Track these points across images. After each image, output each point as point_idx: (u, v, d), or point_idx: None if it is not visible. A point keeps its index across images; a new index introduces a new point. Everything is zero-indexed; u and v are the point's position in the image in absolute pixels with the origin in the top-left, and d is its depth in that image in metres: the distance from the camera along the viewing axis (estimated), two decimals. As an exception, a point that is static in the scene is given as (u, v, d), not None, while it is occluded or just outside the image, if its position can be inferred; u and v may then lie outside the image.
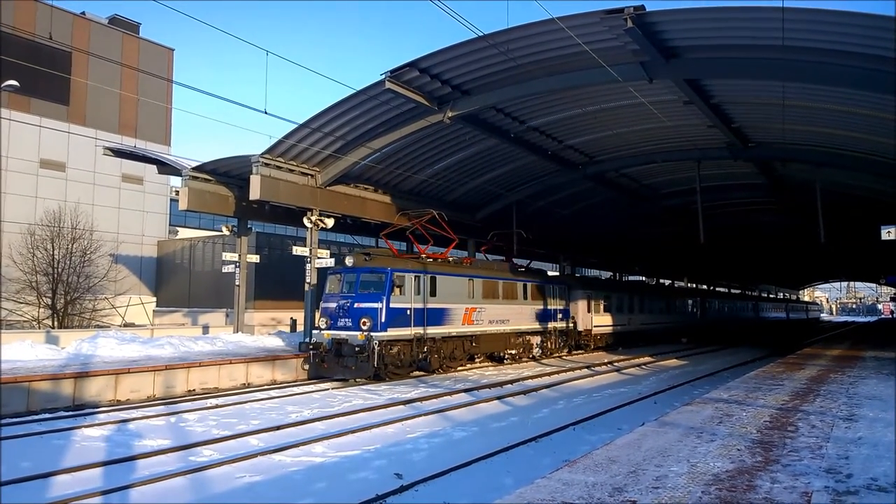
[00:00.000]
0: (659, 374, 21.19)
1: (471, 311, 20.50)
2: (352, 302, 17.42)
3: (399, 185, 23.88)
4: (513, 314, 22.94)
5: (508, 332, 22.65)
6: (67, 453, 9.23)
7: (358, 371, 16.58)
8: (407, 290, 17.88)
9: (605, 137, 22.92)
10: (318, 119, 18.49)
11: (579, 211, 32.02)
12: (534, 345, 24.40)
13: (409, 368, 18.18)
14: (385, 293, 17.24)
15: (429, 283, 18.78)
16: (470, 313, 20.46)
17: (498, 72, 17.01)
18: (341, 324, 17.31)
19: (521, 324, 23.42)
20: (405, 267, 18.15)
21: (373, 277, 17.63)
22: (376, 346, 16.51)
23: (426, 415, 12.44)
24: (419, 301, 18.24)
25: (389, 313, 17.15)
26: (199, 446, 9.56)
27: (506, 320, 22.42)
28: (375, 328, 16.80)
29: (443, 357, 19.36)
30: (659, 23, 13.84)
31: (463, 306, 20.18)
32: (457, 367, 20.32)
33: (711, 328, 43.27)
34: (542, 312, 25.04)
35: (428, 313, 18.50)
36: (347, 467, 8.62)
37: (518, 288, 23.76)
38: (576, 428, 11.24)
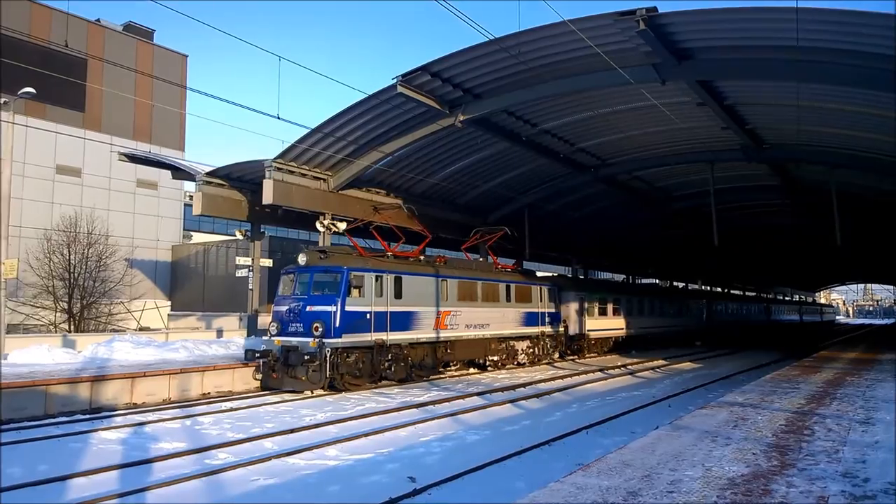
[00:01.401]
0: (673, 377, 21.05)
1: (444, 315, 18.87)
2: (304, 305, 15.71)
3: (411, 188, 23.94)
4: (494, 318, 21.29)
5: (489, 338, 21.02)
6: (84, 456, 9.32)
7: (309, 382, 14.92)
8: (367, 292, 16.24)
9: (618, 140, 22.85)
10: (330, 123, 18.59)
11: (591, 213, 31.90)
12: (519, 351, 22.86)
13: (369, 378, 16.47)
14: (340, 295, 15.55)
15: (393, 283, 17.13)
16: (443, 317, 18.82)
17: (509, 75, 17.02)
18: (292, 329, 15.65)
19: (503, 328, 21.82)
20: (365, 266, 16.60)
21: (327, 277, 15.97)
22: (328, 354, 14.86)
23: (439, 418, 12.43)
24: (381, 304, 16.62)
25: (345, 317, 15.48)
26: (214, 449, 9.62)
27: (485, 325, 20.81)
28: (328, 334, 15.13)
29: (411, 365, 17.66)
30: (671, 24, 13.79)
31: (434, 309, 18.53)
32: (429, 377, 18.64)
33: (717, 331, 41.99)
34: (529, 316, 23.42)
35: (392, 317, 16.86)
36: (360, 470, 8.64)
37: (500, 289, 22.12)
38: (589, 431, 11.19)
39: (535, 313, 23.81)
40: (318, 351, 14.82)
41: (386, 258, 18.27)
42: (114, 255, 30.72)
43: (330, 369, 14.95)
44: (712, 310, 45.19)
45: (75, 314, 28.82)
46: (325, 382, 15.06)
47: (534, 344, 23.68)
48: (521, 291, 23.26)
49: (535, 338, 23.70)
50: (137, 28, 38.69)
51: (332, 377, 15.19)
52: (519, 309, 22.83)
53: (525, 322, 23.13)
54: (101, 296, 29.88)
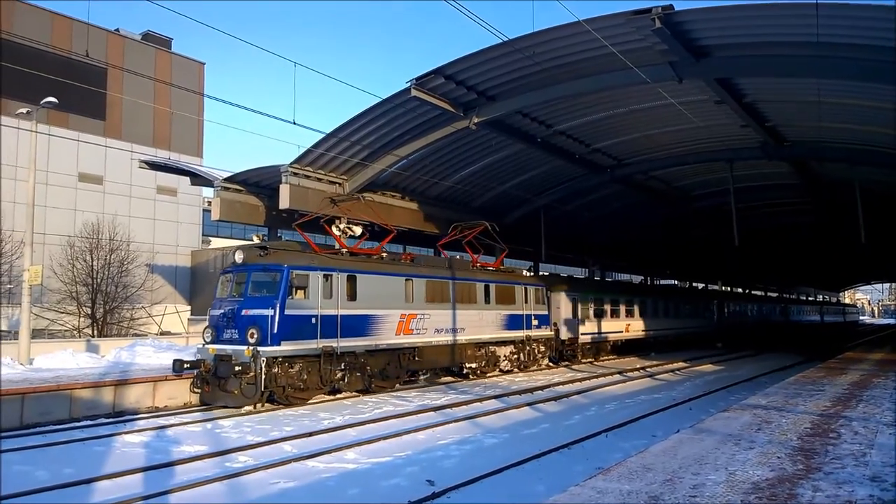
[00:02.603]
0: (694, 379, 20.81)
1: (409, 318, 17.10)
2: (239, 308, 14.02)
3: (426, 191, 23.97)
4: (470, 321, 19.49)
5: (464, 343, 19.15)
6: (109, 459, 9.45)
7: (242, 397, 13.13)
8: (312, 293, 14.39)
9: (634, 140, 22.69)
10: (345, 128, 18.68)
11: (608, 214, 31.69)
12: (501, 357, 21.03)
13: (316, 391, 14.76)
14: (279, 297, 13.78)
15: (345, 283, 15.30)
16: (408, 321, 17.06)
17: (523, 76, 16.98)
18: (226, 336, 13.94)
19: (481, 332, 19.97)
20: (310, 263, 14.73)
21: (265, 277, 14.27)
22: (263, 365, 13.18)
23: (456, 421, 12.41)
24: (331, 306, 14.80)
25: (284, 322, 13.70)
26: (235, 452, 9.69)
27: (460, 329, 18.97)
28: (264, 341, 13.41)
29: (369, 375, 15.91)
30: (688, 22, 13.66)
31: (397, 312, 16.78)
32: (393, 386, 17.05)
33: (729, 333, 40.30)
34: (512, 319, 21.46)
35: (344, 321, 15.05)
36: (379, 474, 8.65)
37: (477, 290, 20.19)
38: (608, 435, 11.09)
39: (520, 315, 21.86)
40: (251, 361, 13.11)
41: (340, 255, 16.35)
42: (135, 261, 31.13)
43: (267, 381, 13.30)
44: (725, 311, 43.69)
45: (98, 319, 29.24)
46: (261, 397, 13.47)
47: (518, 349, 21.81)
48: (503, 292, 21.28)
49: (519, 342, 21.81)
50: (156, 37, 39.22)
51: (271, 390, 13.61)
52: (500, 311, 20.92)
53: (507, 325, 21.21)
54: (123, 301, 30.28)
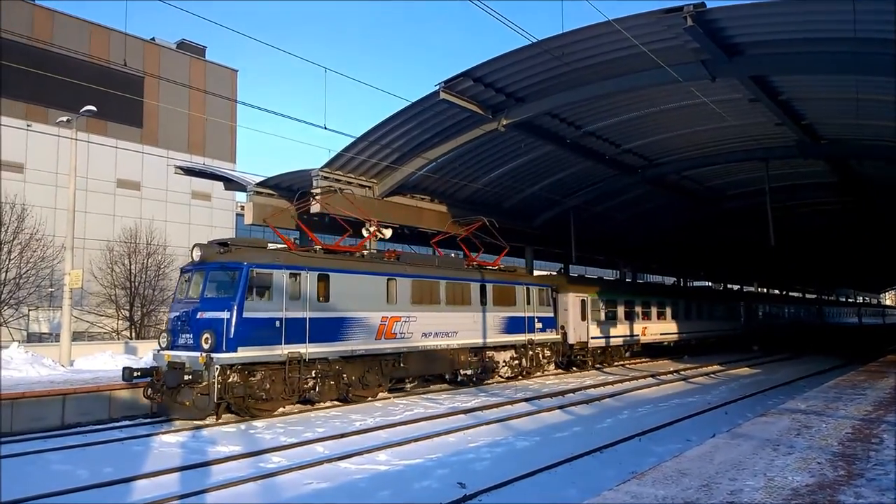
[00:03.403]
0: (729, 383, 20.39)
1: (391, 322, 15.71)
2: (194, 311, 12.86)
3: (455, 193, 24.00)
4: (464, 324, 18.00)
5: (457, 348, 17.66)
6: (147, 459, 9.68)
7: (194, 409, 11.93)
8: (277, 294, 13.18)
9: (666, 139, 22.39)
10: (374, 132, 18.84)
11: (639, 215, 31.31)
12: (500, 363, 19.59)
13: (283, 401, 13.47)
14: (236, 297, 12.52)
15: (315, 283, 14.00)
16: (390, 324, 15.67)
17: (552, 77, 16.91)
18: (182, 341, 12.80)
19: (477, 336, 18.46)
20: (274, 261, 13.44)
21: (223, 276, 13.01)
22: (216, 373, 11.90)
23: (487, 424, 12.39)
24: (298, 308, 13.51)
25: (243, 325, 12.43)
26: (268, 453, 9.84)
27: (452, 332, 17.50)
28: (219, 347, 12.17)
29: (346, 383, 14.61)
30: (721, 20, 13.45)
31: (378, 315, 15.37)
32: (375, 395, 15.58)
33: (759, 336, 38.15)
34: (512, 321, 19.89)
35: (314, 325, 13.71)
36: (411, 475, 8.68)
37: (471, 290, 18.60)
38: (641, 439, 10.94)
39: (521, 318, 20.29)
40: (205, 369, 11.96)
41: (312, 252, 15.07)
42: (171, 265, 31.85)
43: (222, 391, 12.05)
44: (761, 313, 41.63)
45: (136, 321, 29.99)
46: (215, 408, 12.30)
47: (520, 354, 20.27)
48: (501, 292, 19.71)
49: (521, 347, 20.25)
50: (190, 45, 40.11)
51: (227, 402, 12.47)
52: (498, 313, 19.38)
53: (507, 329, 19.65)
54: (160, 304, 31.00)
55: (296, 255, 14.26)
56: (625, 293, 27.70)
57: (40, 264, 27.27)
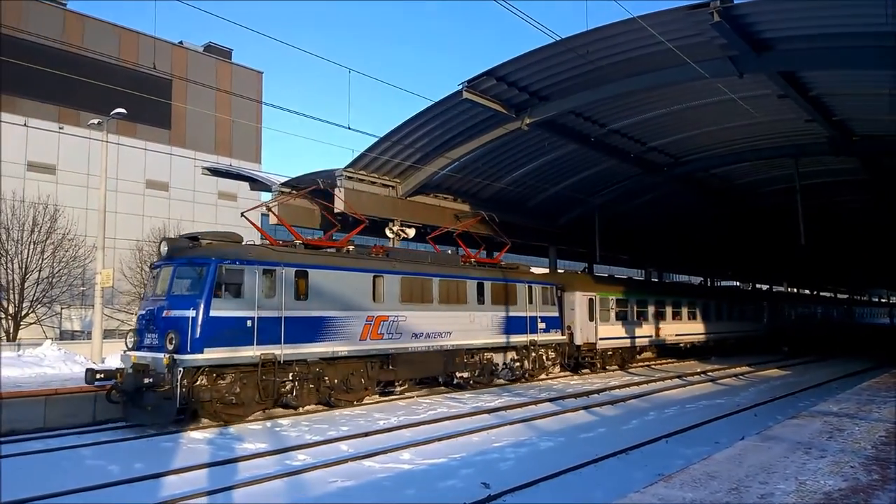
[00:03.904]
0: (758, 384, 20.04)
1: (378, 321, 14.83)
2: (160, 309, 12.09)
3: (478, 193, 23.98)
4: (459, 324, 17.03)
5: (452, 350, 16.76)
6: (176, 455, 9.84)
7: (156, 414, 11.24)
8: (248, 291, 12.34)
9: (692, 137, 22.10)
10: (397, 132, 18.92)
11: (665, 214, 30.94)
12: (499, 365, 18.58)
13: (255, 406, 12.56)
14: (203, 295, 11.75)
15: (293, 280, 13.16)
16: (376, 324, 14.79)
17: (576, 76, 16.81)
18: (147, 341, 12.05)
19: (473, 337, 17.48)
20: (245, 256, 12.63)
21: (191, 272, 12.24)
22: (179, 376, 11.11)
23: (511, 424, 12.36)
24: (272, 306, 12.69)
25: (209, 325, 11.66)
26: (294, 450, 9.94)
27: (445, 333, 16.56)
28: (184, 347, 11.37)
29: (328, 387, 13.79)
30: (748, 15, 13.23)
31: (363, 314, 14.49)
32: (361, 400, 14.77)
33: (782, 337, 36.21)
34: (512, 321, 18.84)
35: (290, 324, 12.89)
36: (435, 475, 8.69)
37: (468, 288, 17.56)
38: (668, 441, 10.81)
39: (522, 318, 19.24)
40: (165, 372, 11.14)
41: (292, 247, 14.34)
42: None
43: (186, 396, 11.23)
44: (788, 313, 39.77)
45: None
46: (174, 416, 11.40)
47: (521, 356, 19.22)
48: (501, 291, 18.68)
49: (522, 348, 19.18)
50: (217, 48, 40.70)
51: (194, 407, 11.60)
52: (497, 313, 18.36)
53: (507, 329, 18.61)
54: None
55: (270, 251, 13.48)
56: (636, 292, 26.27)
57: (72, 264, 27.96)
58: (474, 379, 17.80)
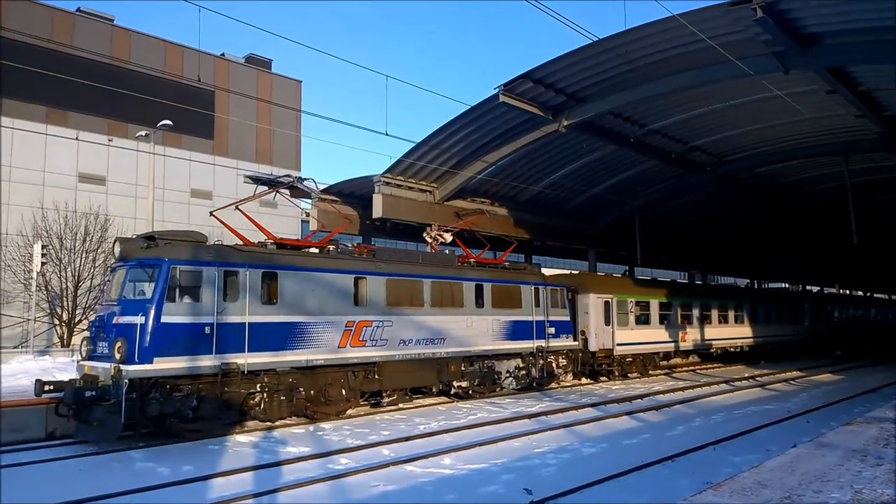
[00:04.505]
0: (810, 390, 19.38)
1: (359, 327, 13.68)
2: (111, 315, 11.26)
3: (515, 196, 23.89)
4: (455, 330, 15.77)
5: (446, 357, 15.53)
6: (222, 458, 10.06)
7: (102, 430, 10.31)
8: (207, 294, 11.35)
9: (736, 136, 21.60)
10: (434, 137, 19.01)
11: (708, 215, 30.26)
12: (503, 373, 17.32)
13: (218, 421, 11.47)
14: (153, 299, 10.81)
15: (259, 282, 12.10)
16: (358, 330, 13.64)
17: (614, 76, 16.63)
18: (100, 350, 11.21)
19: (472, 344, 16.18)
20: (202, 257, 11.57)
21: (142, 275, 11.28)
22: (125, 388, 10.13)
23: (552, 429, 12.24)
24: (235, 311, 11.64)
25: (161, 332, 10.69)
26: (336, 454, 10.05)
27: (439, 339, 15.35)
28: (131, 357, 10.44)
29: (303, 398, 12.71)
30: (793, 10, 12.89)
31: (342, 319, 13.37)
32: (345, 412, 13.62)
33: (827, 341, 33.97)
34: (518, 326, 17.53)
35: (257, 331, 11.85)
36: (476, 480, 8.66)
37: (465, 291, 16.26)
38: (716, 448, 10.53)
39: (528, 322, 17.85)
40: (112, 383, 10.31)
41: (263, 247, 13.41)
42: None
43: (133, 410, 10.20)
44: (824, 315, 36.66)
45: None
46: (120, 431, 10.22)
47: (528, 363, 17.94)
48: (503, 293, 17.32)
49: (528, 355, 17.88)
50: (257, 59, 41.60)
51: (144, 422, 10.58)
52: (499, 317, 17.03)
53: (510, 335, 17.28)
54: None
55: (233, 251, 12.44)
56: (659, 294, 24.38)
57: (122, 272, 28.79)
58: (473, 389, 16.56)
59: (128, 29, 35.55)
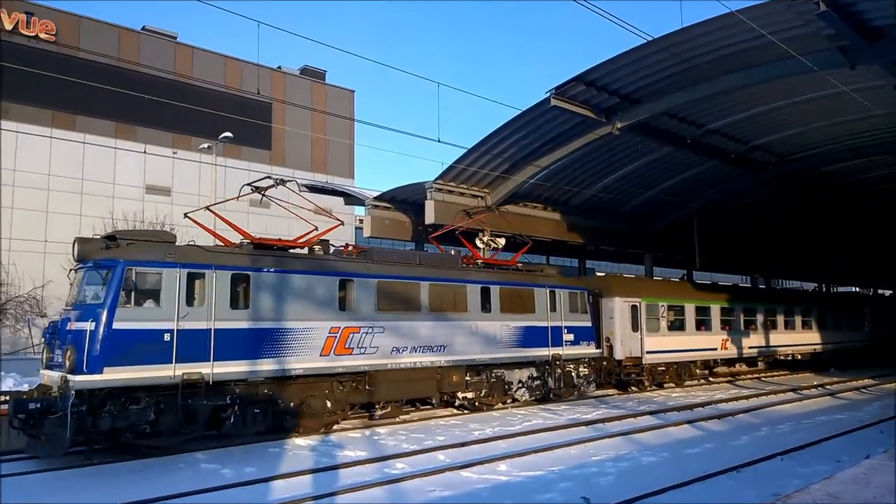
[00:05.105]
0: (883, 398, 18.37)
1: (345, 333, 12.70)
2: (65, 320, 10.66)
3: (568, 201, 23.63)
4: (457, 336, 14.62)
5: (446, 366, 14.37)
6: (282, 460, 10.34)
7: (49, 444, 9.56)
8: (167, 298, 10.57)
9: (800, 134, 20.76)
10: (486, 142, 19.02)
11: (770, 217, 29.14)
12: (514, 383, 16.09)
13: (182, 436, 10.65)
14: (105, 303, 10.07)
15: (228, 284, 11.27)
16: (343, 336, 12.66)
17: (670, 76, 16.29)
18: (56, 358, 10.50)
19: (476, 351, 14.98)
20: (162, 259, 10.72)
21: (97, 277, 10.56)
22: (71, 399, 9.43)
23: (610, 437, 12.04)
24: (200, 316, 10.83)
25: (112, 339, 9.93)
26: (392, 459, 10.16)
27: (438, 346, 14.24)
28: (79, 366, 9.73)
29: (280, 412, 11.84)
30: (856, 2, 12.33)
31: (325, 325, 12.42)
32: (330, 427, 12.64)
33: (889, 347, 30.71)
34: (532, 332, 16.28)
35: (224, 338, 11.00)
36: (532, 487, 8.59)
37: (468, 294, 15.10)
38: (784, 458, 10.12)
39: (542, 328, 16.57)
40: (59, 395, 9.70)
41: (233, 248, 12.40)
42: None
43: (79, 424, 9.49)
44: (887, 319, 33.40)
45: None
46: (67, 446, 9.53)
47: (542, 373, 16.69)
48: (513, 296, 16.13)
49: (543, 364, 16.64)
50: (312, 70, 42.68)
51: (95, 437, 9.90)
52: (508, 322, 15.78)
53: (522, 341, 16.02)
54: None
55: (200, 251, 11.54)
56: (695, 297, 22.54)
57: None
58: (480, 400, 15.46)
59: (190, 45, 37.08)
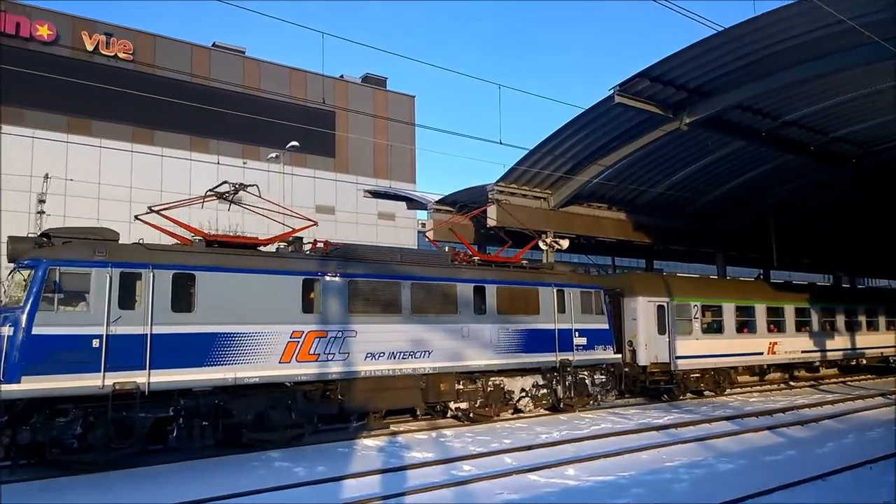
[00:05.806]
0: None
1: (310, 338, 11.53)
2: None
3: (634, 200, 23.06)
4: (444, 341, 13.27)
5: (431, 374, 13.07)
6: (352, 460, 10.52)
7: None
8: (97, 301, 9.73)
9: (885, 123, 19.53)
10: (548, 143, 18.83)
11: (854, 212, 27.48)
12: (515, 392, 14.63)
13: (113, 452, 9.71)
14: (25, 306, 9.32)
15: (170, 285, 10.37)
16: (307, 342, 11.49)
17: (740, 67, 15.66)
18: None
19: (468, 357, 13.61)
20: (92, 257, 9.87)
21: (21, 278, 9.89)
22: None
23: (683, 442, 11.64)
24: (135, 320, 9.94)
25: (31, 345, 9.18)
26: (459, 461, 10.17)
27: (422, 352, 12.95)
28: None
29: (235, 424, 10.84)
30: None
31: (286, 329, 11.33)
32: (298, 439, 11.61)
33: None
34: (535, 336, 14.72)
35: (163, 343, 10.08)
36: (603, 492, 8.40)
37: (459, 294, 13.75)
38: (874, 467, 9.50)
39: (548, 331, 14.99)
40: None
41: (177, 247, 11.52)
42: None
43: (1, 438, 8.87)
44: None
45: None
46: None
47: (549, 380, 15.16)
48: (513, 296, 14.63)
49: (550, 370, 15.11)
50: (373, 78, 43.47)
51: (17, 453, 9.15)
52: (506, 325, 14.31)
53: (523, 346, 14.51)
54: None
55: (137, 249, 10.57)
56: (732, 296, 20.38)
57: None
58: (475, 411, 14.04)
59: (257, 59, 38.49)
